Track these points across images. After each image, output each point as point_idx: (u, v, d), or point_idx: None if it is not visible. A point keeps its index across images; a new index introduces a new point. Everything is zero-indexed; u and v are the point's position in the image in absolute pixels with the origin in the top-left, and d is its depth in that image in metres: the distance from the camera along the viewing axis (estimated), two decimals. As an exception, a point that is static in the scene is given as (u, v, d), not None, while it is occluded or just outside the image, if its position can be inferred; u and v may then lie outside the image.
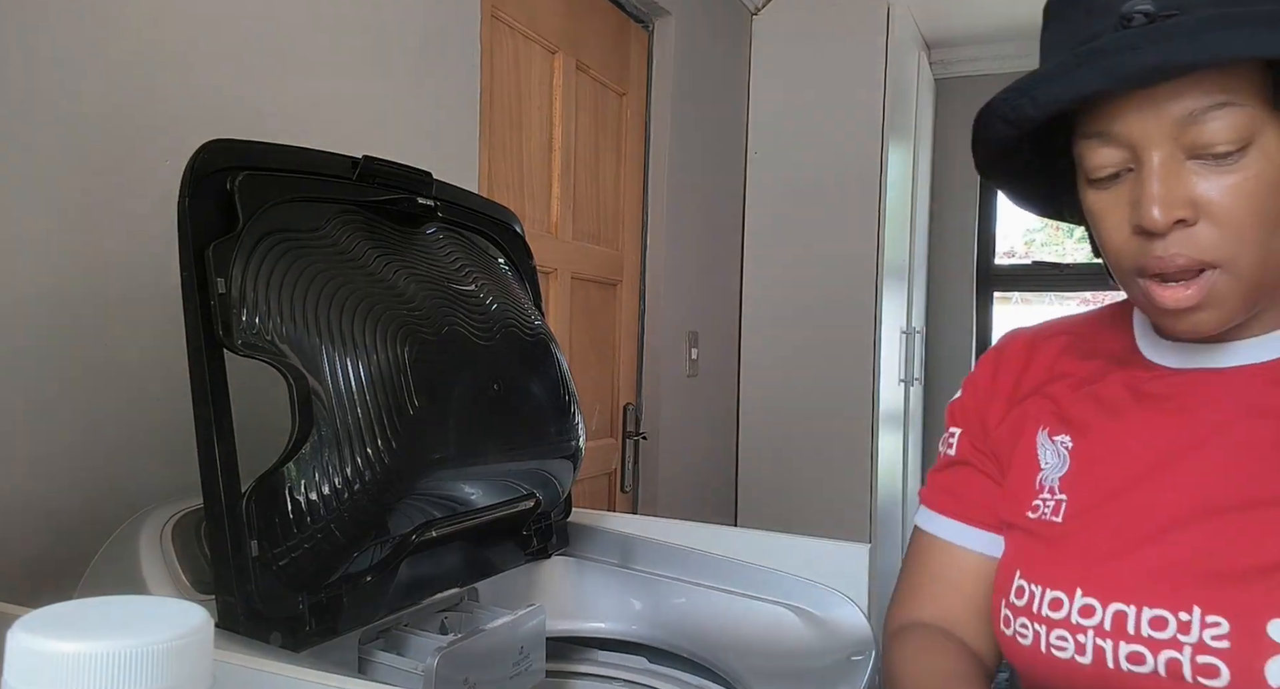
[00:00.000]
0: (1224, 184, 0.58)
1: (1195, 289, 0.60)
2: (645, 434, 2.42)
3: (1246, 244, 0.58)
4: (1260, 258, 0.59)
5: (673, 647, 1.12)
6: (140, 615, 0.37)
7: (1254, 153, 0.57)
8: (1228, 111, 0.56)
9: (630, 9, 2.33)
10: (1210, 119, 0.57)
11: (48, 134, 0.93)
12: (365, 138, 1.33)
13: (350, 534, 0.80)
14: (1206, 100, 0.56)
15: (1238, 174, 0.57)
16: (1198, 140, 0.57)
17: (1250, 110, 0.56)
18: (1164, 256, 0.59)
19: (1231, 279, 0.59)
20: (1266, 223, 0.58)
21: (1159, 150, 0.58)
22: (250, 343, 0.76)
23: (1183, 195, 0.58)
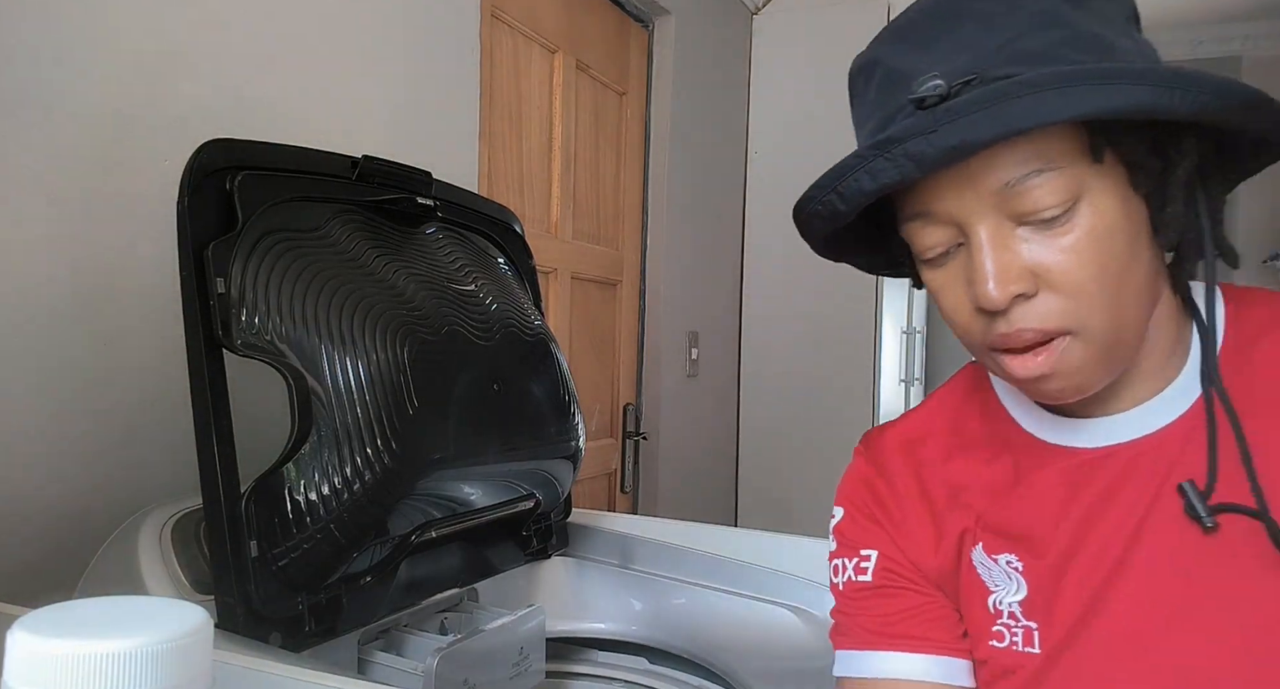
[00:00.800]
0: (1057, 248, 0.54)
1: (1045, 357, 0.57)
2: (645, 434, 2.42)
3: (1093, 307, 0.55)
4: (1112, 318, 0.55)
5: (672, 647, 1.12)
6: (140, 616, 0.37)
7: (1083, 210, 0.54)
8: (1046, 177, 0.53)
9: (630, 8, 2.33)
10: (1029, 186, 0.54)
11: (47, 134, 0.93)
12: (365, 137, 1.33)
13: (350, 534, 0.80)
14: (1022, 168, 0.54)
15: (1069, 235, 0.54)
16: (1021, 208, 0.54)
17: (1070, 170, 0.54)
18: (1009, 333, 0.57)
19: (1084, 344, 0.56)
20: (1110, 281, 0.55)
21: (984, 224, 0.55)
22: (250, 343, 0.76)
23: (1017, 267, 0.55)
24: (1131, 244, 0.55)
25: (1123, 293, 0.55)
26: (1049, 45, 0.53)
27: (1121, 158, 0.55)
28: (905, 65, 0.57)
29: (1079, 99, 0.50)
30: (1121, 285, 0.55)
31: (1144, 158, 0.55)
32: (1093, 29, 0.54)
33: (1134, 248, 0.55)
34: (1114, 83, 0.50)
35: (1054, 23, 0.54)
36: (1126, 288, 0.55)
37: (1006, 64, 0.53)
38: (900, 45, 0.59)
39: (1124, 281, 0.55)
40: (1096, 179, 0.54)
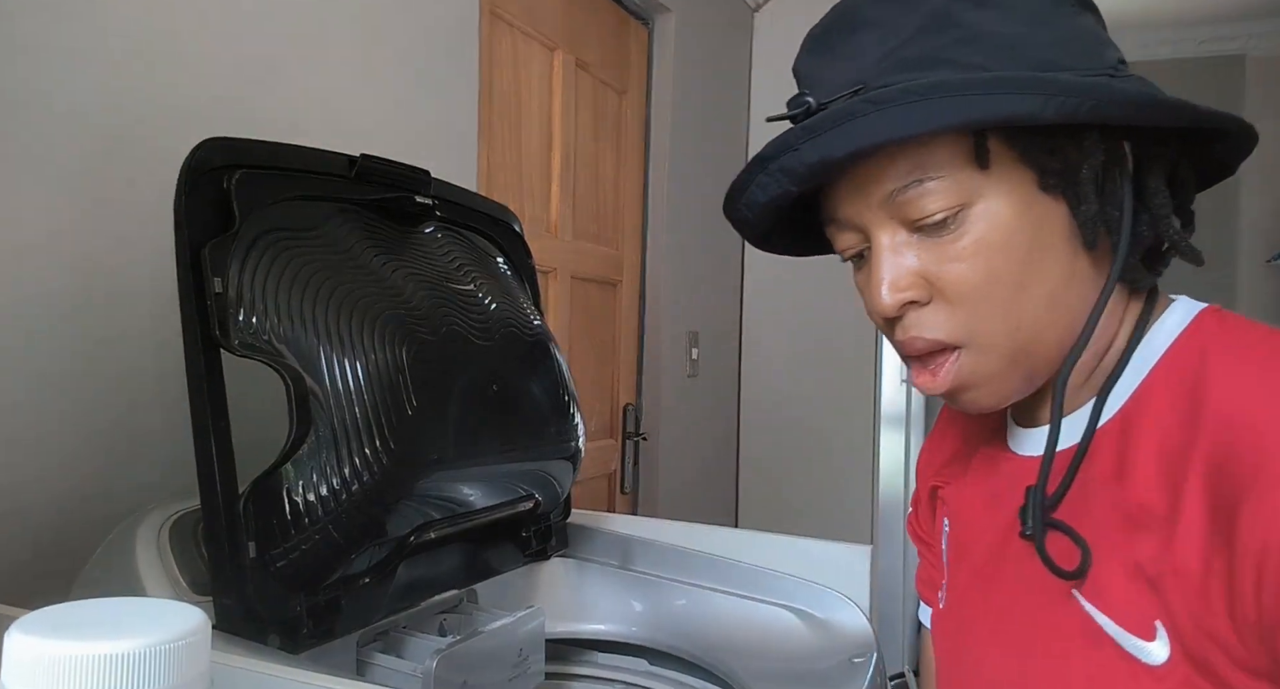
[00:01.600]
0: (947, 256, 0.54)
1: (943, 374, 0.56)
2: (645, 434, 2.42)
3: (984, 317, 0.54)
4: (1009, 329, 0.54)
5: (673, 649, 1.11)
6: (137, 617, 0.37)
7: (973, 217, 0.53)
8: (929, 186, 0.53)
9: (630, 6, 2.33)
10: (912, 196, 0.53)
11: (44, 133, 0.93)
12: (363, 136, 1.33)
13: (348, 535, 0.80)
14: (905, 178, 0.53)
15: (958, 243, 0.53)
16: (909, 216, 0.54)
17: (954, 178, 0.53)
18: (903, 340, 0.57)
19: (980, 357, 0.55)
20: (1002, 290, 0.53)
21: (880, 230, 0.56)
22: (247, 343, 0.75)
23: (909, 274, 0.55)
24: (1034, 250, 0.54)
25: (1021, 301, 0.54)
26: (937, 48, 0.52)
27: (1020, 160, 0.53)
28: (811, 75, 0.58)
29: (925, 115, 0.49)
30: (1019, 293, 0.54)
31: (1042, 159, 0.53)
32: (994, 27, 0.53)
33: (1039, 253, 0.54)
34: (963, 95, 0.49)
35: (946, 25, 0.53)
36: (1027, 296, 0.54)
37: (891, 72, 0.53)
38: (809, 56, 0.59)
39: (1023, 289, 0.54)
40: (988, 185, 0.53)
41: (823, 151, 0.52)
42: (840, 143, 0.51)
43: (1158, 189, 0.55)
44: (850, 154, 0.51)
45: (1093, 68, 0.53)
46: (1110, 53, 0.55)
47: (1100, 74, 0.53)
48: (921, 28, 0.53)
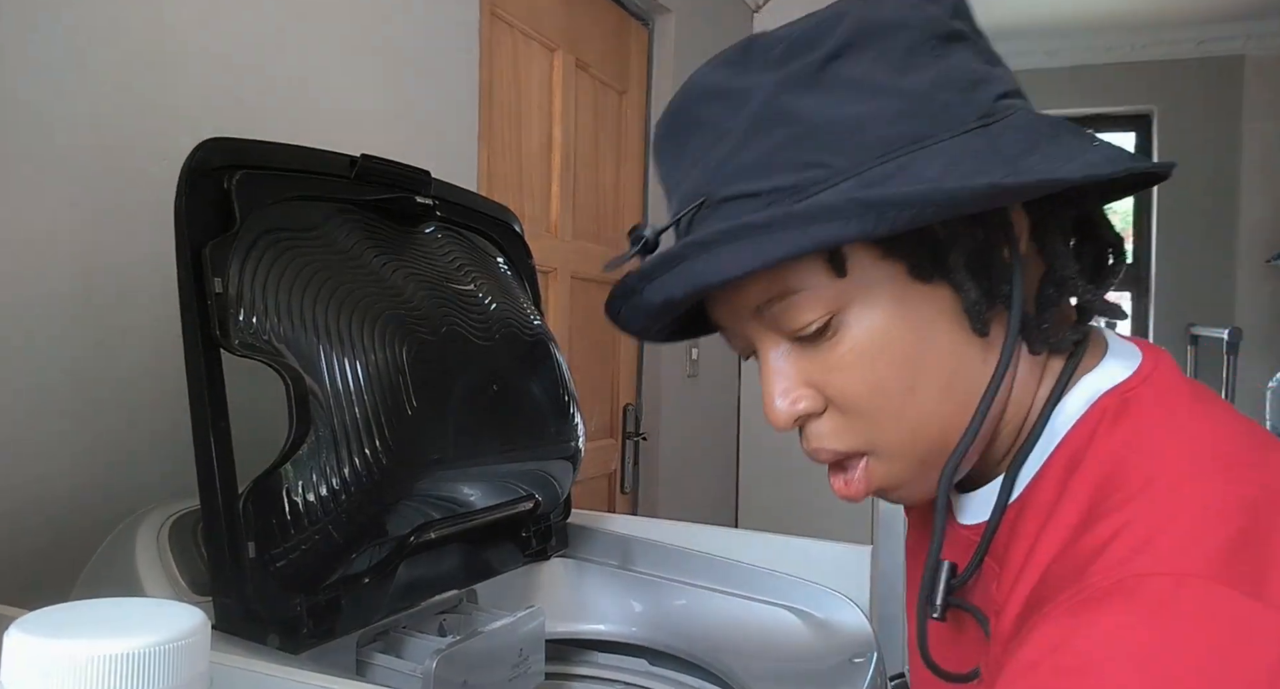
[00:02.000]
0: (829, 364, 0.51)
1: (855, 482, 0.54)
2: (645, 435, 2.42)
3: (880, 425, 0.51)
4: (908, 430, 0.51)
5: (673, 649, 1.11)
6: (137, 617, 0.37)
7: (846, 324, 0.50)
8: (791, 300, 0.50)
9: (630, 6, 2.33)
10: (779, 310, 0.51)
11: (44, 134, 0.93)
12: (363, 136, 1.33)
13: (348, 535, 0.80)
14: (765, 295, 0.51)
15: (837, 350, 0.51)
16: (781, 327, 0.51)
17: (815, 290, 0.49)
18: (809, 450, 0.55)
19: (888, 463, 0.53)
20: (891, 393, 0.50)
21: (763, 342, 0.53)
22: (247, 343, 0.75)
23: (798, 387, 0.52)
24: (917, 346, 0.50)
25: (914, 403, 0.51)
26: (773, 150, 0.49)
27: (884, 257, 0.49)
28: (665, 182, 0.55)
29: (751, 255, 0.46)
30: (910, 396, 0.50)
31: (907, 252, 0.49)
32: (830, 113, 0.48)
33: (922, 349, 0.50)
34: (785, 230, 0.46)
35: (778, 120, 0.49)
36: (919, 396, 0.50)
37: (730, 181, 0.49)
38: (658, 163, 0.56)
39: (913, 391, 0.50)
40: (855, 288, 0.49)
41: (665, 294, 0.50)
42: (677, 285, 0.49)
43: (1057, 250, 0.51)
44: (689, 295, 0.49)
45: (957, 127, 0.48)
46: (984, 93, 0.49)
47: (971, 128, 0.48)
48: (753, 127, 0.49)
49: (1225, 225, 3.50)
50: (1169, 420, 0.49)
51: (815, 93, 0.48)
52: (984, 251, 0.49)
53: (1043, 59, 3.69)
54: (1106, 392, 0.51)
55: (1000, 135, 0.48)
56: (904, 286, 0.50)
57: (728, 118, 0.50)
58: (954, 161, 0.47)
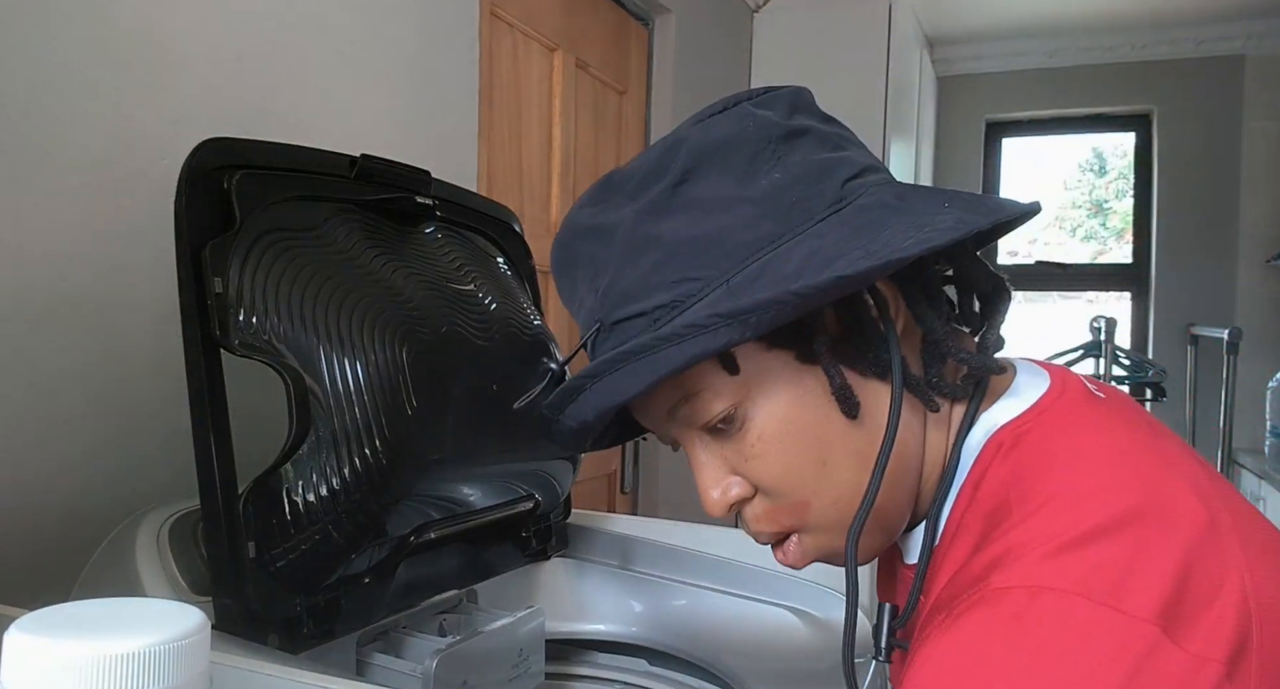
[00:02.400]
0: (743, 453, 0.54)
1: (793, 556, 0.57)
2: (645, 434, 2.41)
3: (800, 503, 0.54)
4: (829, 504, 0.54)
5: (673, 649, 1.11)
6: (137, 617, 0.37)
7: (750, 413, 0.53)
8: (693, 401, 0.53)
9: (630, 6, 2.33)
10: (686, 411, 0.54)
11: (45, 133, 0.93)
12: (363, 136, 1.33)
13: (348, 535, 0.80)
14: (670, 400, 0.54)
15: (746, 440, 0.54)
16: (693, 424, 0.55)
17: (713, 387, 0.53)
18: (750, 533, 0.58)
19: (820, 536, 0.56)
20: (804, 473, 0.53)
21: (685, 439, 0.56)
22: (247, 343, 0.75)
23: (726, 476, 0.56)
24: (819, 423, 0.53)
25: (829, 477, 0.53)
26: (645, 275, 0.52)
27: (769, 348, 0.52)
28: (566, 306, 0.59)
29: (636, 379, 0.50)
30: (823, 470, 0.53)
31: (788, 342, 0.52)
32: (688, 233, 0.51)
33: (825, 425, 0.53)
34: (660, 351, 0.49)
35: (643, 248, 0.52)
36: (832, 470, 0.53)
37: (616, 307, 0.53)
38: (560, 293, 0.60)
39: (825, 465, 0.53)
40: (750, 380, 0.53)
41: (578, 419, 0.54)
42: (586, 411, 0.53)
43: (923, 314, 0.54)
44: (598, 417, 0.53)
45: (810, 219, 0.51)
46: (830, 181, 0.52)
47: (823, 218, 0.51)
48: (624, 256, 0.53)
49: (1225, 225, 3.50)
50: (1064, 447, 0.51)
51: (672, 216, 0.52)
52: (856, 330, 0.53)
53: (1042, 59, 3.68)
54: (1001, 426, 0.53)
55: (851, 219, 0.51)
56: (796, 371, 0.53)
57: (602, 251, 0.54)
58: (812, 253, 0.49)
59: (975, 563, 0.48)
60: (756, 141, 0.53)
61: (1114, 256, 3.89)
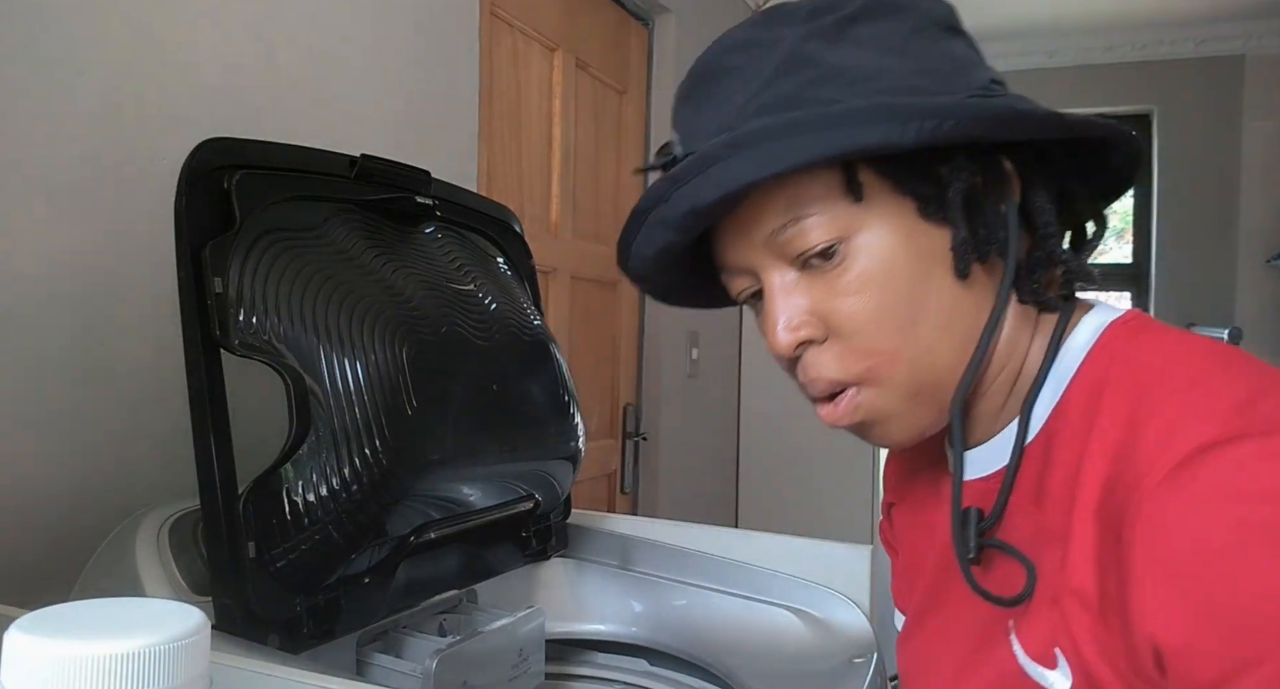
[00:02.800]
0: (835, 290, 0.53)
1: (843, 409, 0.56)
2: (645, 435, 2.42)
3: (877, 353, 0.53)
4: (902, 363, 0.53)
5: (673, 649, 1.11)
6: (137, 617, 0.37)
7: (854, 251, 0.53)
8: (806, 223, 0.53)
9: (630, 6, 2.33)
10: (792, 235, 0.53)
11: (45, 133, 0.93)
12: (363, 136, 1.33)
13: (348, 535, 0.80)
14: (783, 217, 0.53)
15: (843, 278, 0.53)
16: (792, 252, 0.54)
17: (830, 213, 0.52)
18: (804, 382, 0.57)
19: (879, 393, 0.54)
20: (891, 324, 0.53)
21: (770, 272, 0.55)
22: (247, 343, 0.75)
23: (802, 313, 0.54)
24: (920, 281, 0.53)
25: (913, 335, 0.53)
26: (796, 89, 0.52)
27: (895, 190, 0.52)
28: (683, 128, 0.57)
29: (782, 153, 0.49)
30: (910, 327, 0.53)
31: (916, 186, 0.52)
32: (849, 62, 0.52)
33: (925, 284, 0.53)
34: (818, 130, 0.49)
35: (801, 65, 0.53)
36: (919, 329, 0.53)
37: (753, 116, 0.52)
38: (679, 110, 0.59)
39: (914, 323, 0.53)
40: (867, 217, 0.53)
41: (692, 199, 0.52)
42: (706, 189, 0.51)
43: (1042, 207, 0.54)
44: (719, 199, 0.51)
45: (958, 91, 0.52)
46: (980, 74, 0.54)
47: (970, 95, 0.52)
48: (778, 71, 0.53)
49: (1225, 225, 3.50)
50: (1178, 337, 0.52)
51: (837, 46, 0.53)
52: (981, 198, 0.53)
53: (1042, 59, 3.69)
54: (1111, 323, 0.55)
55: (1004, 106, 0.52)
56: (912, 223, 0.53)
57: (755, 63, 0.54)
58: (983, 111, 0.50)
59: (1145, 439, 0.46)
60: (926, 18, 0.55)
61: (1114, 256, 3.89)
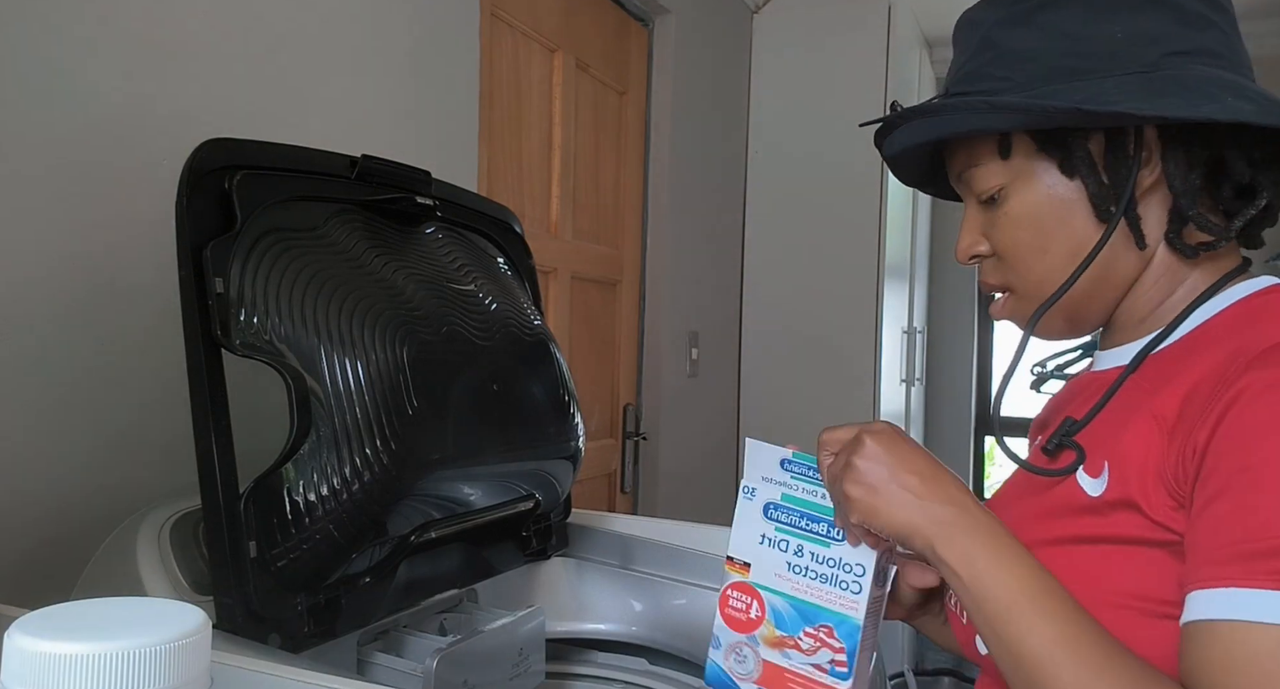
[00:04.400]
0: (994, 223, 0.71)
1: (997, 308, 0.74)
2: (645, 434, 2.42)
3: (1019, 272, 0.70)
4: (1036, 280, 0.69)
5: (673, 648, 1.11)
6: (138, 617, 0.37)
7: (1010, 195, 0.69)
8: (976, 171, 0.70)
9: (630, 7, 2.33)
10: (968, 177, 0.71)
11: (46, 134, 0.93)
12: (364, 137, 1.33)
13: (349, 535, 0.80)
14: (963, 164, 0.72)
15: (998, 213, 0.70)
16: (972, 189, 0.72)
17: (992, 166, 0.69)
18: (979, 281, 0.75)
19: (1021, 301, 0.72)
20: (1030, 252, 0.69)
21: (967, 197, 0.74)
22: (249, 343, 0.75)
23: (976, 235, 0.73)
24: (1055, 222, 0.68)
25: (1044, 262, 0.69)
26: (980, 66, 0.69)
27: (1039, 151, 0.67)
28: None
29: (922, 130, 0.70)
30: (1043, 253, 0.68)
31: (1054, 149, 0.67)
32: (1020, 45, 0.67)
33: (1058, 225, 0.68)
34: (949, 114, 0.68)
35: (988, 46, 0.69)
36: (1050, 255, 0.68)
37: (959, 83, 0.71)
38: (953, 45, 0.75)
39: (1044, 253, 0.68)
40: (1020, 170, 0.68)
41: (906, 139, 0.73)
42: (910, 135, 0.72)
43: (1173, 175, 0.65)
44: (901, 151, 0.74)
45: (1117, 70, 0.64)
46: (1155, 49, 0.64)
47: (1130, 73, 0.63)
48: (975, 47, 0.70)
49: (1225, 225, 3.50)
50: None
51: (1016, 29, 0.68)
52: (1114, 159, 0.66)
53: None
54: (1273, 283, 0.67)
55: (1149, 84, 0.63)
56: (1054, 177, 0.68)
57: (966, 40, 0.72)
58: (1097, 91, 0.63)
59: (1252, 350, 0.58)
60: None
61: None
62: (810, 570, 0.70)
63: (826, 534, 0.70)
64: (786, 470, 0.72)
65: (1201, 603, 0.53)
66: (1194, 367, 0.61)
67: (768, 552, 0.72)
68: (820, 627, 0.69)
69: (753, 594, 0.73)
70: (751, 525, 0.74)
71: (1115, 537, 0.61)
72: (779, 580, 0.71)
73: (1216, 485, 0.55)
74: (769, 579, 0.72)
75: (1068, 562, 0.62)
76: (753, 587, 0.73)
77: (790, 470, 0.72)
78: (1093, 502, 0.62)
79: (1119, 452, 0.62)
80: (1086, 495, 0.63)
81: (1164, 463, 0.59)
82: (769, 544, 0.72)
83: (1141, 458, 0.60)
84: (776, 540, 0.72)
